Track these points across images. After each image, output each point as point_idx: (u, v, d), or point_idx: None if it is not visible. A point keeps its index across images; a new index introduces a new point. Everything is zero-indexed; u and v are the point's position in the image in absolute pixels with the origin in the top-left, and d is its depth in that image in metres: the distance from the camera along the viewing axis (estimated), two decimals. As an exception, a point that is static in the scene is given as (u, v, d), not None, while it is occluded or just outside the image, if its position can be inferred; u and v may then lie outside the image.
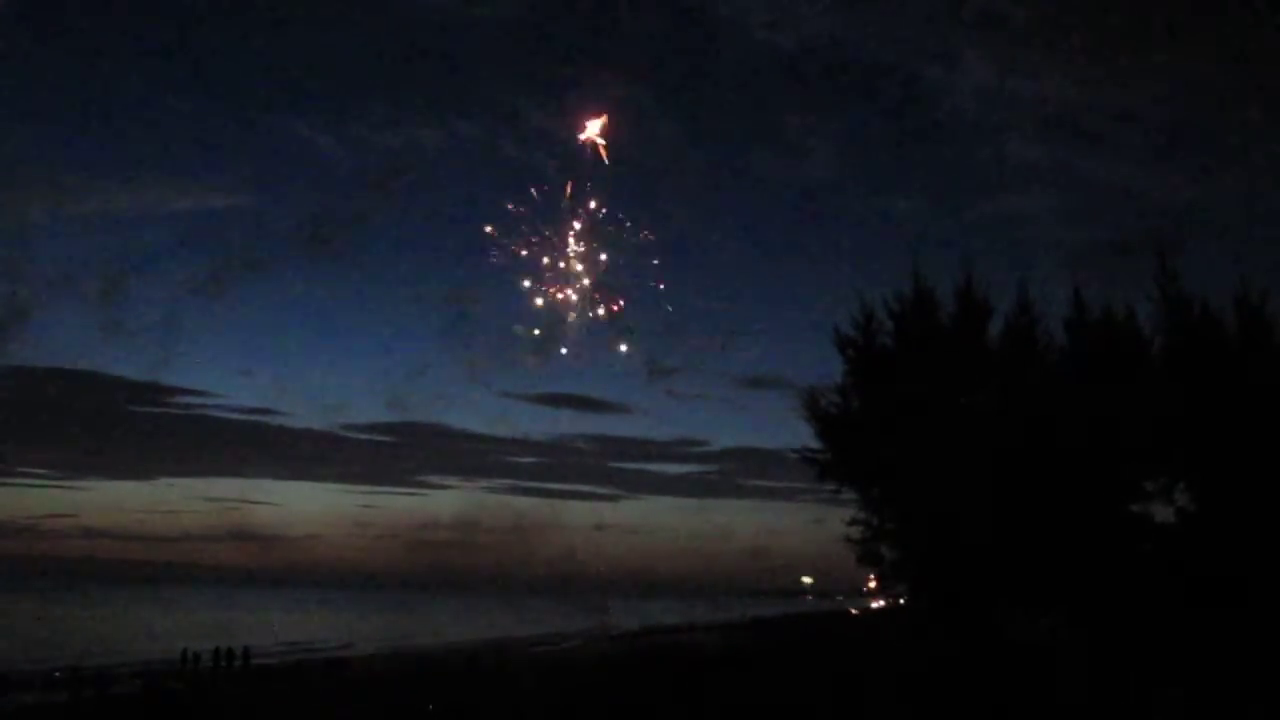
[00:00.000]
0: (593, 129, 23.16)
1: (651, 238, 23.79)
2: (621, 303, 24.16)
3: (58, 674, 37.27)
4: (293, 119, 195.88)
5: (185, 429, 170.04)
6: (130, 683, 34.31)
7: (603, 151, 23.03)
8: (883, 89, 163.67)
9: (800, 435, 21.80)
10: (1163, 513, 18.85)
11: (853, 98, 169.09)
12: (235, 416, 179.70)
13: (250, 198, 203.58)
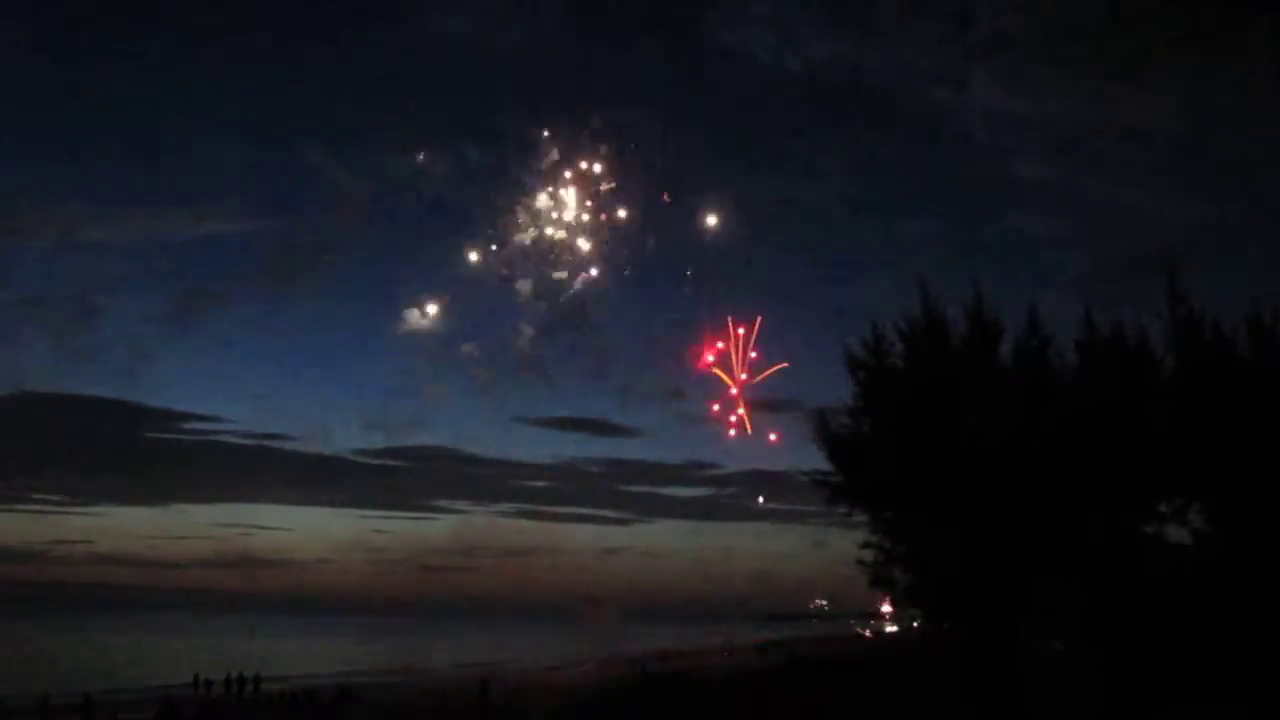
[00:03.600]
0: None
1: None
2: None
3: (71, 699, 37.23)
4: (301, 144, 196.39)
5: (197, 454, 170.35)
6: (142, 709, 34.23)
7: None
8: (891, 111, 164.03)
9: (811, 458, 21.80)
10: (1177, 534, 18.73)
11: (861, 120, 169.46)
12: (247, 442, 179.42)
13: (257, 222, 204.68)
